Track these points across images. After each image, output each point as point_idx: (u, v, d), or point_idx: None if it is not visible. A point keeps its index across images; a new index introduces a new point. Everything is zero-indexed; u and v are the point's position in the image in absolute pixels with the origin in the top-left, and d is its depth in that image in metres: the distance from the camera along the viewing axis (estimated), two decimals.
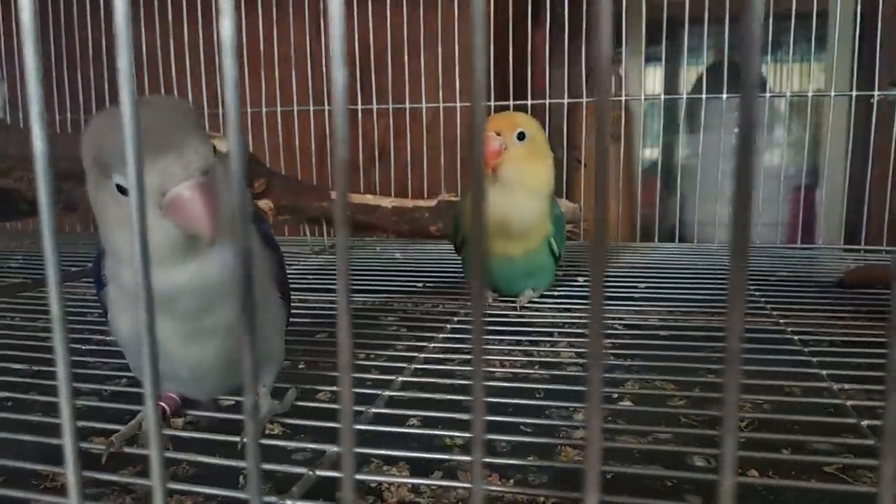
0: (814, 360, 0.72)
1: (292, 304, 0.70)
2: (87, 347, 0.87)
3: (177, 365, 0.55)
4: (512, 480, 0.67)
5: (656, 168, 1.61)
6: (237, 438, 0.65)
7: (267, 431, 0.76)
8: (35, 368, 0.78)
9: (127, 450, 0.56)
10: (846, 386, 0.66)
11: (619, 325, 1.03)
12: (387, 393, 0.66)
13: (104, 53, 1.80)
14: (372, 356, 0.92)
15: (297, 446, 0.65)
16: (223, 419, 0.67)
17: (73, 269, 1.32)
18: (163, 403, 0.59)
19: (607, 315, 1.03)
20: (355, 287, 1.18)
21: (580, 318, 1.01)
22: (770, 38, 1.46)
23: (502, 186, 0.94)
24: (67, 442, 0.27)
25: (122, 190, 0.47)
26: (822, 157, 1.82)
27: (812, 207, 1.93)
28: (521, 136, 0.94)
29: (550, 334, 1.02)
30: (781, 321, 0.88)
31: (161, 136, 0.45)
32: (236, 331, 0.55)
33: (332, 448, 0.54)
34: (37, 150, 0.24)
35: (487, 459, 0.69)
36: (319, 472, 0.50)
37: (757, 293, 1.04)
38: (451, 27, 1.61)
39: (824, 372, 0.69)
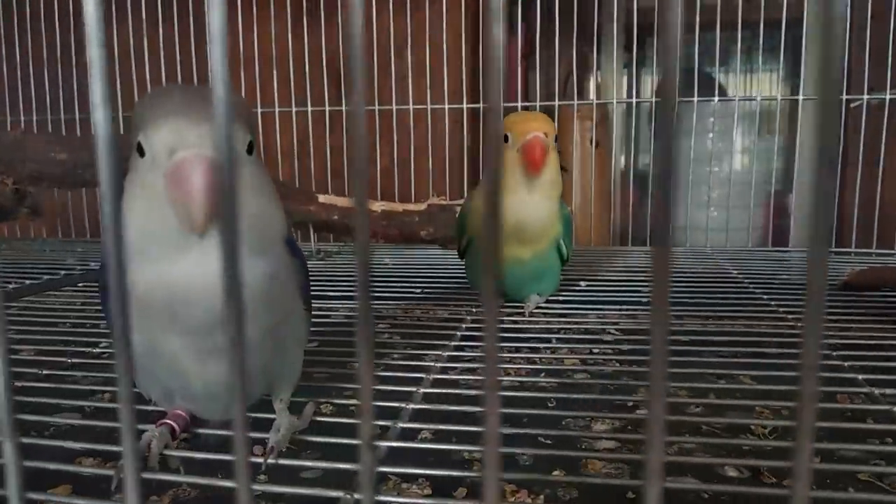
0: (846, 364, 0.70)
1: None
2: (67, 360, 0.80)
3: (190, 382, 0.50)
4: (542, 496, 0.64)
5: (634, 173, 1.61)
6: (253, 458, 0.60)
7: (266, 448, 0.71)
8: (18, 385, 0.72)
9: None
10: (888, 391, 0.64)
11: (615, 329, 1.00)
12: (410, 406, 0.62)
13: (73, 53, 1.72)
14: None
15: (306, 465, 0.61)
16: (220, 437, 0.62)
17: (46, 276, 1.24)
18: (171, 421, 0.53)
19: (601, 320, 1.01)
20: (345, 294, 1.13)
21: (582, 323, 0.98)
22: (762, 47, 1.46)
23: (531, 189, 0.91)
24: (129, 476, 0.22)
25: (142, 152, 0.43)
26: (799, 162, 1.84)
27: (788, 211, 1.94)
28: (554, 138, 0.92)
29: (549, 340, 0.99)
30: (800, 325, 0.86)
31: (189, 104, 0.42)
32: (262, 347, 0.51)
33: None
34: (100, 138, 0.20)
35: (514, 475, 0.65)
36: (358, 496, 0.45)
37: (765, 297, 1.02)
38: (439, 28, 1.57)
39: (861, 377, 0.67)
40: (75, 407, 0.74)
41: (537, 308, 0.99)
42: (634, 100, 1.48)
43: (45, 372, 0.74)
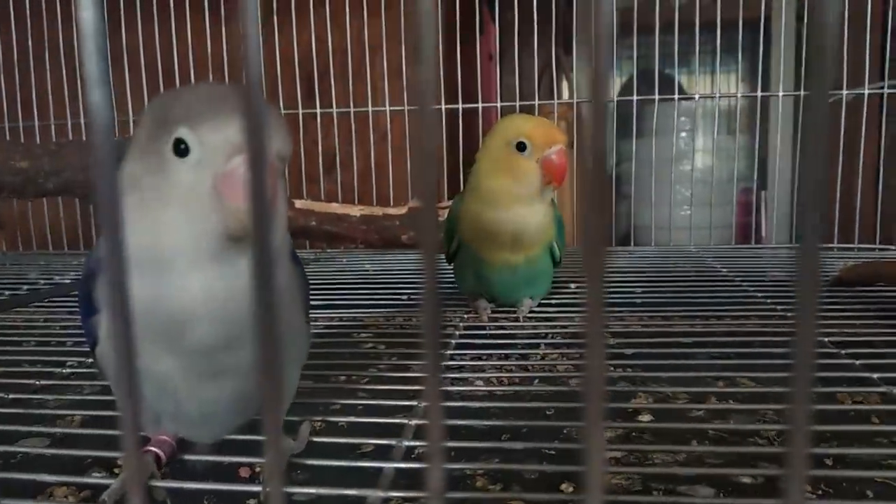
0: (857, 362, 0.68)
1: None
2: (35, 382, 0.75)
3: (184, 404, 0.45)
4: None
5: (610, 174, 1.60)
6: (236, 486, 0.55)
7: (257, 470, 0.67)
8: None
9: None
10: None
11: (605, 333, 0.98)
12: (413, 422, 0.58)
13: (30, 57, 1.65)
14: (354, 378, 0.83)
15: (298, 490, 0.56)
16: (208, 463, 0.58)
17: (7, 292, 1.17)
18: (155, 448, 0.49)
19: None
20: (324, 303, 1.08)
21: (574, 326, 0.96)
22: (740, 46, 1.46)
23: (541, 199, 0.89)
24: None
25: (180, 150, 0.39)
26: (770, 158, 1.84)
27: (761, 209, 1.95)
28: None
29: (537, 346, 0.96)
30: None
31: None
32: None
33: (374, 493, 0.46)
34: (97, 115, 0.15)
35: (521, 495, 0.61)
36: None
37: (759, 295, 1.00)
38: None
39: (875, 375, 0.65)
40: (43, 433, 0.69)
41: (533, 311, 0.96)
42: (615, 98, 1.47)
43: (10, 396, 0.69)
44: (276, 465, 0.18)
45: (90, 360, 0.81)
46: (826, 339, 0.77)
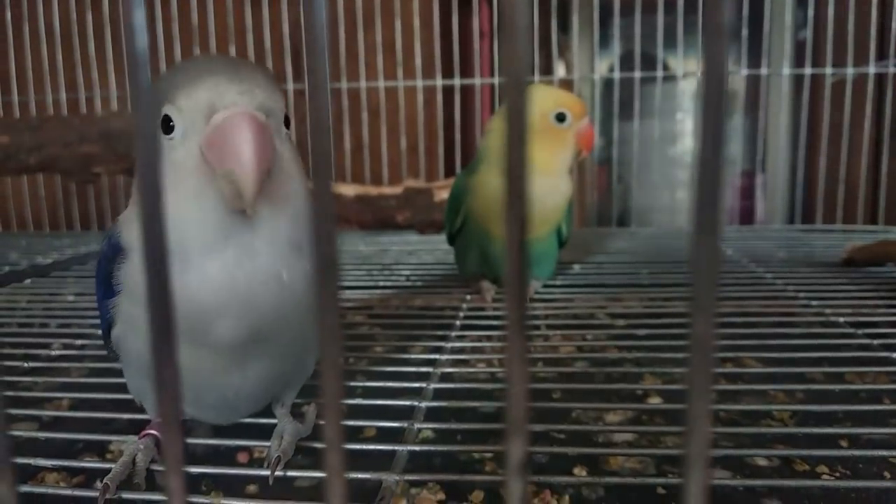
0: (874, 342, 0.67)
1: None
2: (24, 364, 0.71)
3: (205, 393, 0.44)
4: (567, 496, 0.58)
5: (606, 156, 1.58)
6: (236, 471, 0.53)
7: (256, 455, 0.64)
8: None
9: (125, 495, 0.43)
10: None
11: (604, 314, 0.96)
12: (424, 404, 0.56)
13: (9, 31, 1.59)
14: (351, 361, 0.81)
15: (300, 475, 0.54)
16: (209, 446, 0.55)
17: None
18: (155, 431, 0.46)
19: (589, 305, 0.96)
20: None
21: (586, 308, 0.93)
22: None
23: (566, 171, 0.88)
24: None
25: (167, 128, 0.37)
26: (770, 140, 1.83)
27: (759, 190, 1.93)
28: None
29: (537, 327, 0.94)
30: (814, 303, 0.82)
31: (223, 65, 0.38)
32: (292, 352, 0.44)
33: (389, 476, 0.43)
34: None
35: (536, 479, 0.59)
36: None
37: (769, 276, 0.99)
38: (409, 0, 1.49)
39: (894, 355, 0.64)
40: (31, 416, 0.66)
41: (534, 294, 0.94)
42: (618, 74, 1.44)
43: None
44: (337, 457, 0.16)
45: (78, 342, 0.78)
46: (841, 320, 0.75)
